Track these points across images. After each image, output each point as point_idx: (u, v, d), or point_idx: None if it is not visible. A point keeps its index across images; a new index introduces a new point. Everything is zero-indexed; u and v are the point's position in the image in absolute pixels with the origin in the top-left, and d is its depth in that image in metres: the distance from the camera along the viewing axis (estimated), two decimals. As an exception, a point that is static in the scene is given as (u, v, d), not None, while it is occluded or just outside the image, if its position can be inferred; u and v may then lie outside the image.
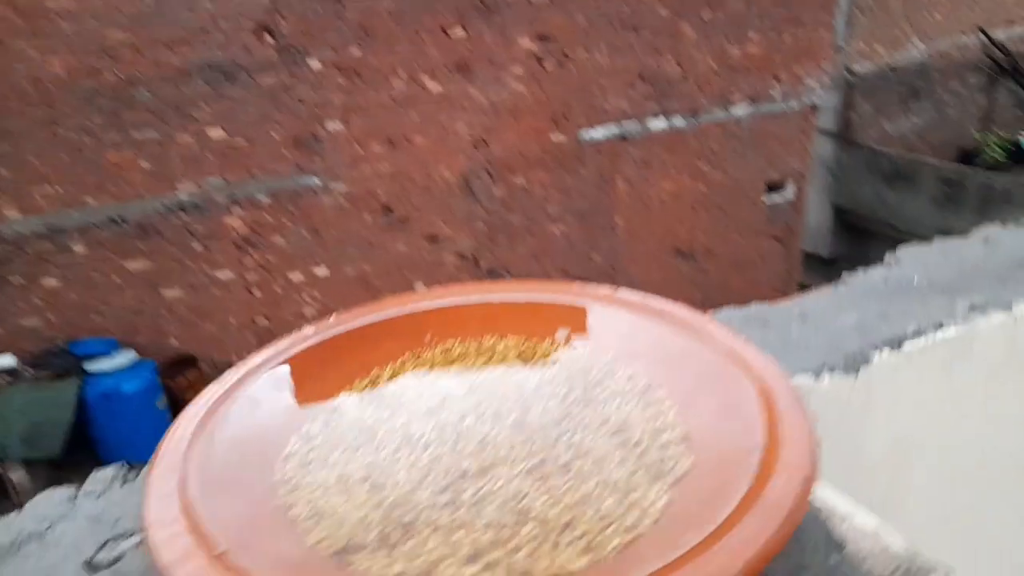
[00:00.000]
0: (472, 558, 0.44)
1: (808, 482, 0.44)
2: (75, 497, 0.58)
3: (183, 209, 5.86)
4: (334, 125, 6.18)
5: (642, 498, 0.47)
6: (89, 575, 0.50)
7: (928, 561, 0.47)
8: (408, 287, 6.84)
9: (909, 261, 0.88)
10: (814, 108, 7.79)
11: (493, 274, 7.07)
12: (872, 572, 0.47)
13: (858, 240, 9.95)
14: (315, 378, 0.61)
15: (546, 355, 0.62)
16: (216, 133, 5.83)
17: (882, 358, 0.70)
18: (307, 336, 0.63)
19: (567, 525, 0.45)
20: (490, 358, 0.63)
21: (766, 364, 0.56)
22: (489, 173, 6.84)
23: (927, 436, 0.69)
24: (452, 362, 0.62)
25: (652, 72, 6.96)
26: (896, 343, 0.72)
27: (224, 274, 6.19)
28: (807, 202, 8.25)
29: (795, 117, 7.69)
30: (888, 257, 0.90)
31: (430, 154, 6.54)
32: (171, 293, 6.00)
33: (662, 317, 0.64)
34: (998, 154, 9.84)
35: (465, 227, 6.90)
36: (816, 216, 9.40)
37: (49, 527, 0.55)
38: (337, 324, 0.65)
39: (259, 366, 0.59)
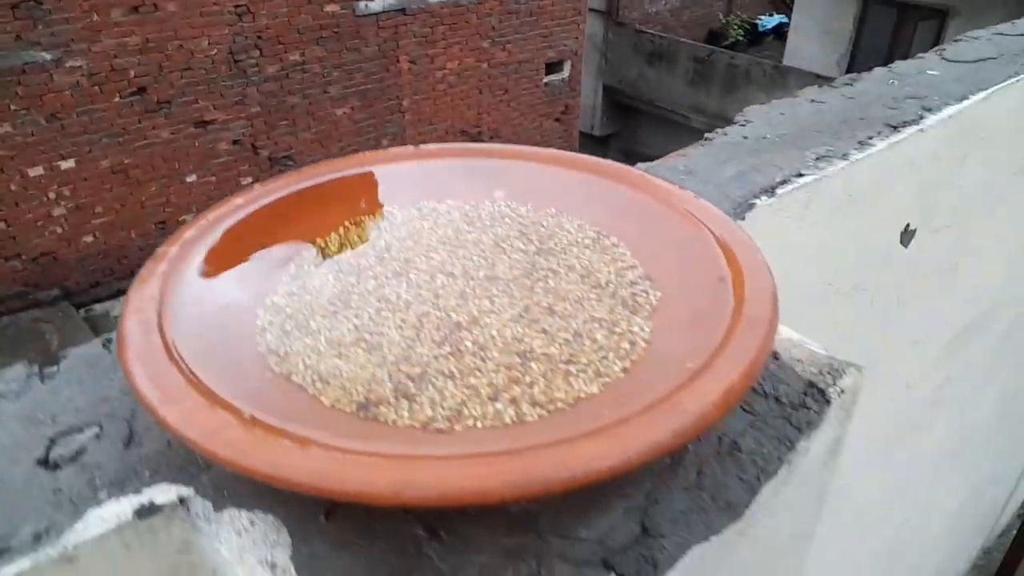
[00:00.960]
0: (494, 397, 0.45)
1: (775, 299, 0.50)
2: (-15, 402, 0.50)
3: None
4: (59, -14, 5.22)
5: (628, 330, 0.51)
6: (51, 472, 0.45)
7: (844, 362, 0.57)
8: (179, 180, 6.19)
9: (756, 120, 0.99)
10: (586, -14, 8.00)
11: (275, 162, 6.62)
12: (804, 373, 0.56)
13: (624, 118, 10.67)
14: (259, 248, 0.56)
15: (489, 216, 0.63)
16: (-102, -5, 4.68)
17: (762, 203, 0.81)
18: (238, 206, 0.58)
19: (570, 359, 0.48)
20: (434, 222, 0.62)
21: (699, 203, 0.61)
22: (259, 48, 6.26)
23: (793, 266, 0.81)
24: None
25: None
26: (771, 190, 0.82)
27: (-61, 172, 5.18)
28: (581, 82, 8.61)
29: (569, -6, 7.85)
30: (737, 116, 1.01)
31: (185, 23, 5.78)
32: None
33: (584, 169, 0.67)
34: (739, 35, 10.91)
35: (237, 110, 6.31)
36: (587, 96, 9.87)
37: (-30, 435, 0.47)
38: (266, 193, 0.60)
39: (195, 239, 0.54)
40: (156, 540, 0.43)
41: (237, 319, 0.50)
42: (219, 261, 0.54)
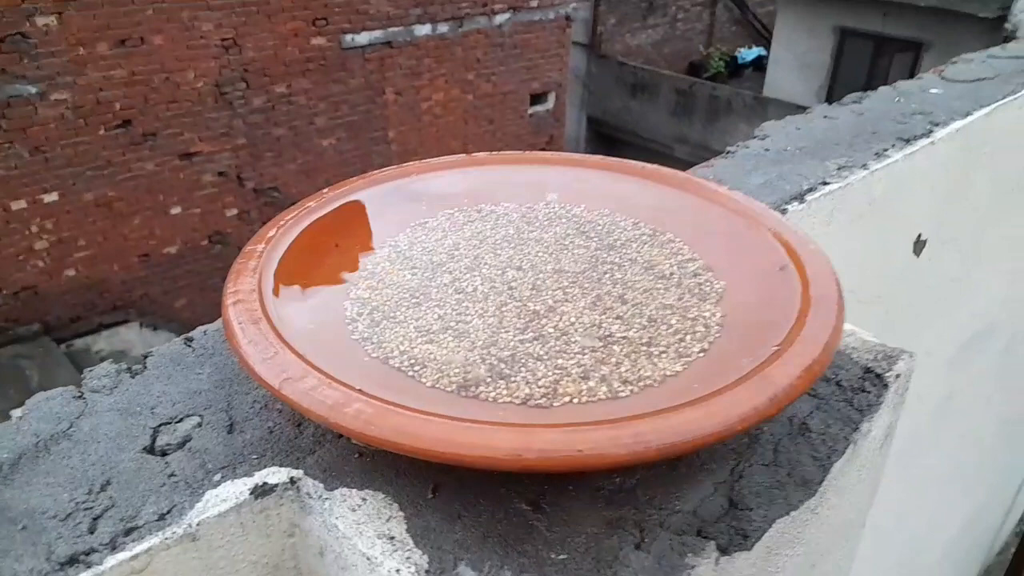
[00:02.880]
0: (584, 376, 0.47)
1: (838, 282, 0.53)
2: (81, 396, 0.51)
3: None
4: (46, 20, 5.21)
5: (700, 315, 0.53)
6: (161, 459, 0.46)
7: (897, 348, 0.60)
8: (163, 212, 6.16)
9: (774, 134, 1.03)
10: (568, 19, 8.16)
11: (260, 193, 6.62)
12: (861, 360, 0.59)
13: (608, 148, 10.81)
14: (334, 247, 0.58)
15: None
16: None
17: (793, 209, 0.84)
18: (311, 208, 0.60)
19: (650, 341, 0.50)
20: (495, 223, 0.64)
21: (747, 201, 0.64)
22: (245, 80, 6.29)
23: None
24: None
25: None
26: (800, 197, 0.86)
27: (-79, 205, 5.11)
28: (566, 113, 8.74)
29: (552, 27, 8.00)
30: (756, 131, 1.05)
31: (173, 57, 5.81)
32: None
33: (637, 174, 0.70)
34: (720, 67, 11.16)
35: (223, 141, 6.32)
36: (571, 126, 10.01)
37: (71, 426, 0.48)
38: (335, 198, 0.62)
39: (278, 237, 0.55)
40: (267, 521, 0.44)
41: (327, 310, 0.52)
42: (302, 257, 0.55)
